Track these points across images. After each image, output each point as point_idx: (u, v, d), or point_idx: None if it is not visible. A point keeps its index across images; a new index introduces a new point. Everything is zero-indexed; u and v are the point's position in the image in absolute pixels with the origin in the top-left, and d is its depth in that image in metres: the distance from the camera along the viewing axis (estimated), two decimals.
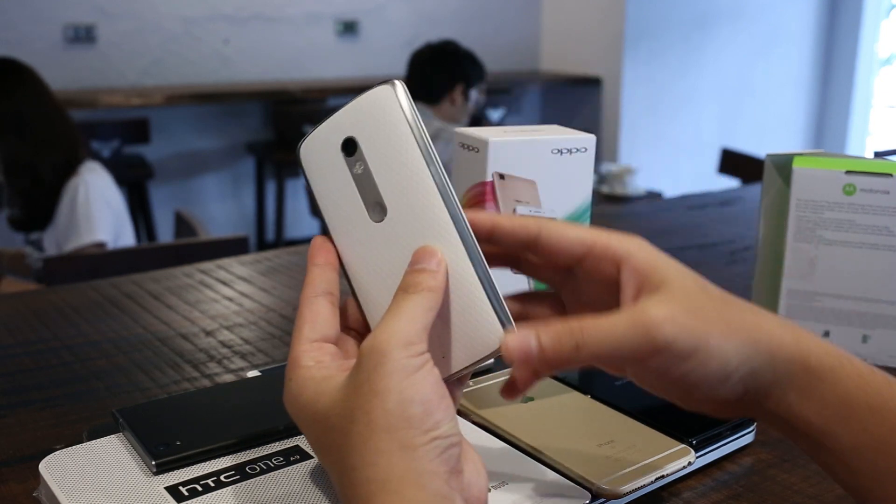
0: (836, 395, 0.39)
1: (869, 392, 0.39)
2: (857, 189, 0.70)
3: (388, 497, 0.34)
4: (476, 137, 0.46)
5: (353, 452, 0.35)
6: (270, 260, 1.03)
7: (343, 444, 0.36)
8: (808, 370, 0.39)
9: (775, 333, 0.39)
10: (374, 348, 0.36)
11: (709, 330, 0.38)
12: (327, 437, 0.37)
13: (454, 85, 2.53)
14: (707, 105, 4.47)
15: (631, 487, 0.48)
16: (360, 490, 0.35)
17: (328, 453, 0.37)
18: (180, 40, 3.79)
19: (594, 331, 0.38)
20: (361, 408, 0.35)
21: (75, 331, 0.78)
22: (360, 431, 0.35)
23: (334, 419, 0.37)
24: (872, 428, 0.38)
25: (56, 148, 1.88)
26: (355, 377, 0.36)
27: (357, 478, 0.35)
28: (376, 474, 0.34)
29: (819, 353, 0.39)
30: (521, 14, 4.56)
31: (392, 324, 0.37)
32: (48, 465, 0.47)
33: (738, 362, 0.38)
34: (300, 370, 0.39)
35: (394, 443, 0.34)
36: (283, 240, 3.80)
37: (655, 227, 1.23)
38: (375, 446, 0.35)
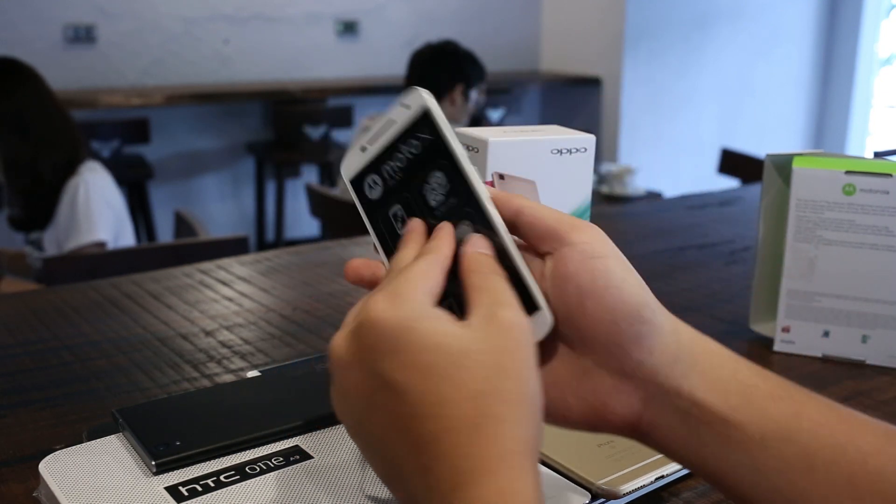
0: (738, 381, 0.38)
1: (769, 382, 0.38)
2: (856, 189, 0.70)
3: (530, 461, 0.34)
4: (476, 137, 0.46)
5: (504, 403, 0.34)
6: (270, 260, 1.03)
7: (487, 390, 0.34)
8: (710, 354, 0.39)
9: (672, 316, 0.40)
10: (525, 326, 0.36)
11: (623, 264, 0.39)
12: (459, 373, 0.34)
13: (454, 85, 2.53)
14: (707, 105, 4.47)
15: (630, 487, 0.48)
16: (506, 442, 0.34)
17: (454, 387, 0.34)
18: (180, 40, 3.79)
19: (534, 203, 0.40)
20: (516, 370, 0.35)
21: (75, 331, 0.78)
22: (512, 389, 0.35)
23: (474, 362, 0.34)
24: (776, 415, 0.37)
25: (57, 148, 1.88)
26: (501, 339, 0.35)
27: (504, 430, 0.34)
28: (525, 434, 0.34)
29: (718, 346, 0.40)
30: (521, 14, 4.56)
31: (515, 301, 0.37)
32: (48, 465, 0.47)
33: (653, 302, 0.39)
34: (420, 300, 0.36)
35: (535, 416, 0.35)
36: (282, 240, 3.80)
37: (655, 227, 1.23)
38: (528, 411, 0.35)
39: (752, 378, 0.39)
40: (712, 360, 0.39)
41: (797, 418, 0.37)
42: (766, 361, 0.73)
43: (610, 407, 0.39)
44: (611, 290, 0.38)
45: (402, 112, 0.41)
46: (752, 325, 0.77)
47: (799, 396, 0.38)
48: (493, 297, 0.37)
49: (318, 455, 0.49)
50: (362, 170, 0.41)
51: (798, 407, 0.38)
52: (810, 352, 0.73)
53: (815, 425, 0.37)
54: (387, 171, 0.41)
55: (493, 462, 0.33)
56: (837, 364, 0.72)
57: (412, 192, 0.40)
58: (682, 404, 0.38)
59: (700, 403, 0.38)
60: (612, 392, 0.39)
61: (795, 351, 0.74)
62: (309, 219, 3.63)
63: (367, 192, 0.41)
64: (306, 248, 1.08)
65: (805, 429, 0.37)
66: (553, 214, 0.40)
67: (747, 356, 0.60)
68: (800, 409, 0.38)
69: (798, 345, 0.74)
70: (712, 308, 0.86)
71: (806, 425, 0.37)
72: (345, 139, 3.79)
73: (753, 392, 0.38)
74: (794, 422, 0.37)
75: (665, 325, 0.39)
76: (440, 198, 0.40)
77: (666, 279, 0.95)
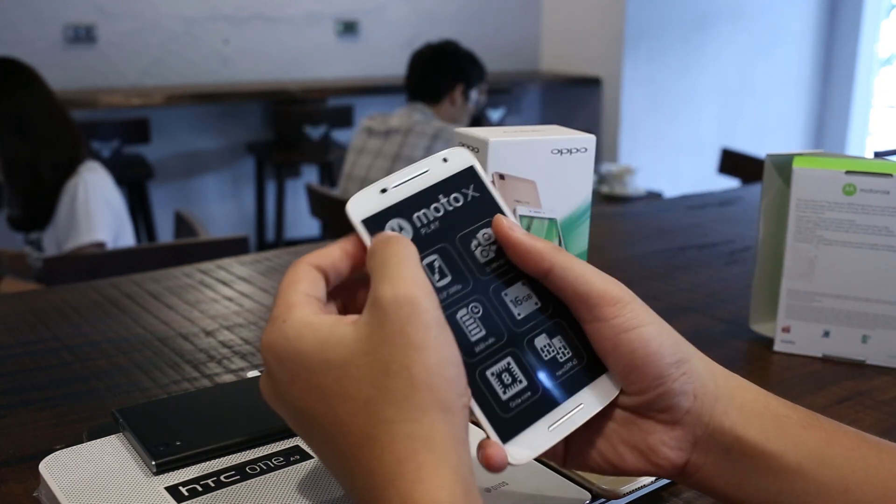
0: (771, 413, 0.40)
1: (798, 413, 0.41)
2: (857, 189, 0.70)
3: (433, 455, 0.33)
4: (476, 137, 0.46)
5: (390, 405, 0.34)
6: (270, 260, 1.03)
7: (374, 396, 0.34)
8: (743, 390, 0.41)
9: (705, 357, 0.42)
10: (405, 298, 0.34)
11: (658, 317, 0.41)
12: (346, 387, 0.34)
13: (454, 85, 2.53)
14: (707, 105, 4.47)
15: (631, 487, 0.48)
16: (400, 443, 0.33)
17: (345, 402, 0.35)
18: (180, 40, 3.79)
19: (567, 259, 0.40)
20: (398, 361, 0.34)
21: (75, 331, 0.78)
22: (398, 386, 0.34)
23: (356, 369, 0.34)
24: (809, 442, 0.39)
25: (57, 148, 1.88)
26: (381, 327, 0.34)
27: (396, 431, 0.33)
28: (419, 431, 0.33)
29: (746, 382, 0.42)
30: (521, 14, 4.56)
31: (406, 272, 0.35)
32: (48, 466, 0.47)
33: (687, 351, 0.40)
34: (299, 312, 0.36)
35: (435, 402, 0.34)
36: (283, 240, 3.80)
37: (655, 227, 1.23)
38: (418, 403, 0.34)
39: (784, 409, 0.41)
40: (746, 395, 0.41)
41: (829, 444, 0.39)
42: (766, 361, 0.73)
43: (661, 453, 0.40)
44: (650, 357, 0.39)
45: (440, 164, 0.41)
46: (752, 325, 0.77)
47: (828, 425, 0.40)
48: (375, 278, 0.36)
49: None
50: (382, 211, 0.39)
51: (829, 434, 0.40)
52: (810, 352, 0.73)
53: (846, 450, 0.39)
54: (419, 219, 0.39)
55: (390, 472, 0.33)
56: (837, 364, 0.72)
57: (454, 244, 0.40)
58: (725, 440, 0.40)
59: (741, 438, 0.39)
60: (664, 438, 0.40)
61: (795, 351, 0.74)
62: (309, 219, 3.64)
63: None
64: (306, 249, 1.08)
65: (838, 454, 0.39)
66: (582, 280, 0.40)
67: (747, 356, 0.60)
68: (831, 436, 0.40)
69: (798, 345, 0.74)
70: (712, 308, 0.86)
71: (838, 450, 0.39)
72: (345, 139, 3.79)
73: (786, 422, 0.40)
74: (827, 448, 0.39)
75: (701, 368, 0.41)
76: (491, 255, 0.40)
77: (666, 279, 0.95)
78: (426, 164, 0.40)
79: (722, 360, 0.74)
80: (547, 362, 0.40)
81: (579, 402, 0.40)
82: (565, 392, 0.40)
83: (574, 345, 0.41)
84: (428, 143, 2.31)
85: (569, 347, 0.40)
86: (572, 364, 0.40)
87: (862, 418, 0.63)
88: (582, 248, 0.49)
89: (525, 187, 0.47)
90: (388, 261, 0.36)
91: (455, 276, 0.39)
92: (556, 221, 0.48)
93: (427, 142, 2.31)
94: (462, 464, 0.34)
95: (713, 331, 0.80)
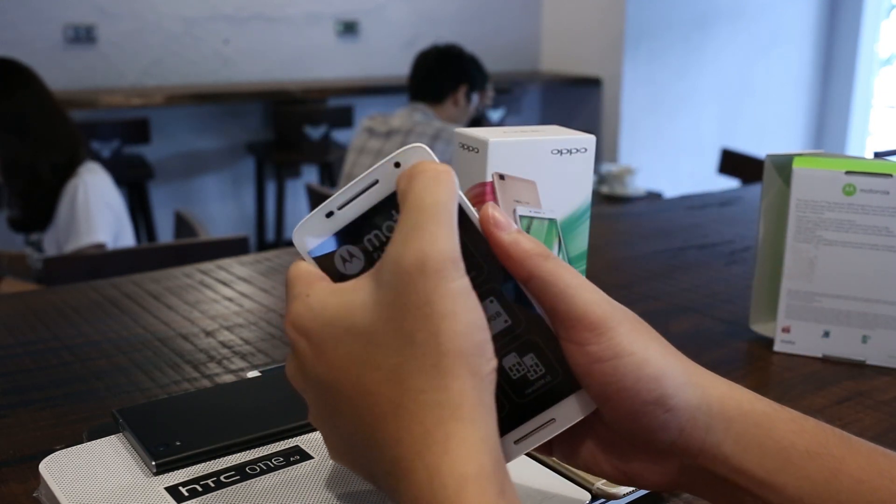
0: (774, 441, 0.37)
1: (805, 438, 0.37)
2: (856, 189, 0.70)
3: (461, 425, 0.32)
4: (476, 138, 0.46)
5: (419, 374, 0.33)
6: (270, 260, 1.03)
7: (400, 363, 0.33)
8: (744, 415, 0.37)
9: (708, 376, 0.38)
10: (427, 267, 0.33)
11: (648, 343, 0.37)
12: (373, 354, 0.34)
13: (458, 86, 2.55)
14: (707, 105, 4.47)
15: (631, 488, 0.48)
16: (428, 412, 0.32)
17: (372, 371, 0.34)
18: (180, 40, 3.79)
19: (550, 271, 0.37)
20: (425, 329, 0.33)
21: (75, 331, 0.78)
22: (425, 353, 0.33)
23: (383, 335, 0.33)
24: (814, 474, 0.36)
25: (56, 149, 1.88)
26: (405, 295, 0.33)
27: (424, 400, 0.32)
28: (449, 398, 0.32)
29: (751, 399, 0.38)
30: (521, 14, 4.56)
31: (432, 238, 0.33)
32: (48, 466, 0.47)
33: (673, 385, 0.37)
34: (320, 284, 0.36)
35: (465, 368, 0.33)
36: (283, 240, 3.80)
37: (655, 227, 1.23)
38: (448, 369, 0.32)
39: (789, 436, 0.37)
40: (746, 420, 0.37)
41: (836, 477, 0.36)
42: (766, 362, 0.73)
43: (645, 476, 0.39)
44: (624, 393, 0.36)
45: (392, 171, 0.36)
46: (752, 325, 0.77)
47: (838, 451, 0.37)
48: (402, 228, 0.34)
49: (318, 455, 0.49)
50: (330, 238, 0.36)
51: (836, 464, 0.36)
52: (810, 352, 0.73)
53: (854, 483, 0.36)
54: (371, 242, 0.36)
55: (418, 443, 0.32)
56: (837, 364, 0.72)
57: None
58: (720, 471, 0.37)
59: (738, 469, 0.37)
60: (647, 465, 0.39)
61: (795, 351, 0.74)
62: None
63: (340, 266, 0.36)
64: None
65: (844, 488, 0.36)
66: (563, 297, 0.36)
67: (747, 357, 0.60)
68: (838, 467, 0.36)
69: (798, 345, 0.74)
70: (712, 308, 0.86)
71: (846, 484, 0.36)
72: (345, 139, 3.79)
73: (790, 452, 0.37)
74: (834, 482, 0.36)
75: (691, 401, 0.37)
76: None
77: (666, 279, 0.95)
78: (376, 173, 0.36)
79: (722, 361, 0.74)
80: (516, 381, 0.38)
81: (551, 416, 0.38)
82: (536, 408, 0.38)
83: (548, 361, 0.38)
84: (428, 144, 2.30)
85: (542, 365, 0.38)
86: (545, 381, 0.38)
87: (862, 418, 0.63)
88: (582, 249, 0.49)
89: (525, 187, 0.47)
90: (421, 211, 0.34)
91: None
92: (556, 222, 0.48)
93: (427, 142, 2.31)
94: (491, 433, 0.33)
95: (713, 331, 0.80)
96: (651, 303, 0.86)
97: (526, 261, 0.37)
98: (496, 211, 0.37)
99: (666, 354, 0.37)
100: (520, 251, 0.37)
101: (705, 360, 0.72)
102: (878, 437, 0.59)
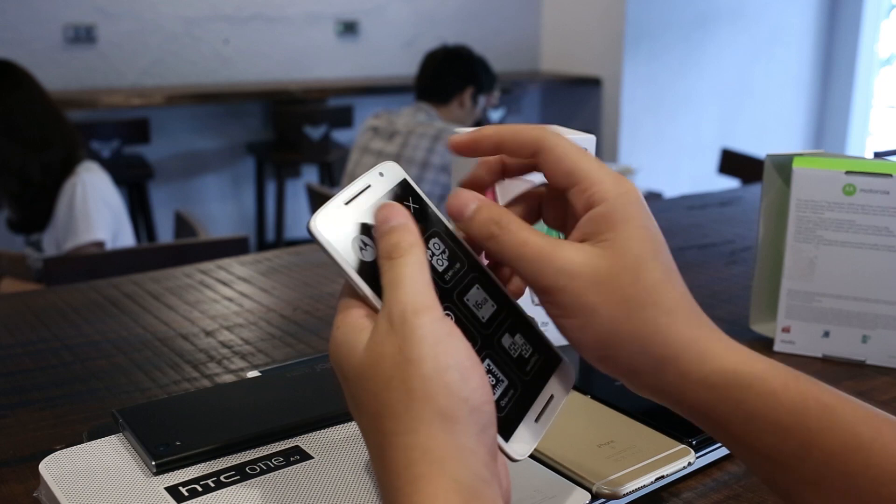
0: (746, 411, 0.37)
1: (781, 409, 0.37)
2: (857, 189, 0.70)
3: (431, 467, 0.33)
4: None
5: (391, 418, 0.35)
6: (270, 260, 1.03)
7: (378, 410, 0.35)
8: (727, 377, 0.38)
9: (683, 355, 0.38)
10: (401, 317, 0.35)
11: (617, 329, 0.38)
12: (362, 399, 0.36)
13: (465, 87, 2.54)
14: (707, 105, 4.47)
15: (631, 488, 0.48)
16: (400, 454, 0.34)
17: (363, 412, 0.37)
18: (180, 40, 3.79)
19: (511, 237, 0.38)
20: (396, 376, 0.35)
21: (75, 331, 0.78)
22: (398, 399, 0.34)
23: (367, 381, 0.36)
24: (783, 446, 0.37)
25: (48, 150, 1.88)
26: (382, 346, 0.35)
27: (396, 443, 0.34)
28: (417, 441, 0.34)
29: (740, 361, 0.38)
30: (521, 14, 4.56)
31: (403, 291, 0.36)
32: (48, 466, 0.47)
33: (632, 365, 0.38)
34: (349, 314, 0.38)
35: (434, 412, 0.34)
36: (283, 240, 3.80)
37: None
38: (417, 414, 0.34)
39: (761, 408, 0.37)
40: (729, 382, 0.38)
41: (808, 452, 0.37)
42: None
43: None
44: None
45: (378, 179, 0.40)
46: (752, 325, 0.77)
47: (815, 423, 0.37)
48: (384, 291, 0.37)
49: (318, 455, 0.49)
50: (346, 229, 0.38)
51: (810, 437, 0.37)
52: (810, 352, 0.73)
53: (826, 456, 0.37)
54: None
55: (393, 484, 0.34)
56: (837, 364, 0.72)
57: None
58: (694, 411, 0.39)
59: (711, 420, 0.38)
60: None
61: (795, 351, 0.74)
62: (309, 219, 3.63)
63: (359, 253, 0.38)
64: (306, 249, 1.08)
65: (815, 461, 0.37)
66: (520, 268, 0.39)
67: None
68: (811, 441, 0.37)
69: (798, 345, 0.74)
70: (712, 308, 0.86)
71: (817, 457, 0.37)
72: (345, 139, 3.79)
73: (761, 423, 0.37)
74: (806, 457, 0.37)
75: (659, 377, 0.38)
76: (445, 263, 0.40)
77: None
78: (367, 179, 0.40)
79: None
80: (516, 359, 0.40)
81: (550, 392, 0.41)
82: (538, 384, 0.41)
83: (532, 340, 0.41)
84: (429, 145, 2.31)
85: (529, 343, 0.41)
86: (535, 358, 0.41)
87: None
88: None
89: (525, 187, 0.47)
90: (393, 277, 0.37)
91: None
92: None
93: (428, 143, 2.31)
94: (464, 472, 0.33)
95: None
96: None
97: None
98: (455, 199, 0.40)
99: (627, 341, 0.38)
100: (472, 234, 0.40)
101: None
102: None
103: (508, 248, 0.39)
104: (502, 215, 0.39)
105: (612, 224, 0.38)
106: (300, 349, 0.74)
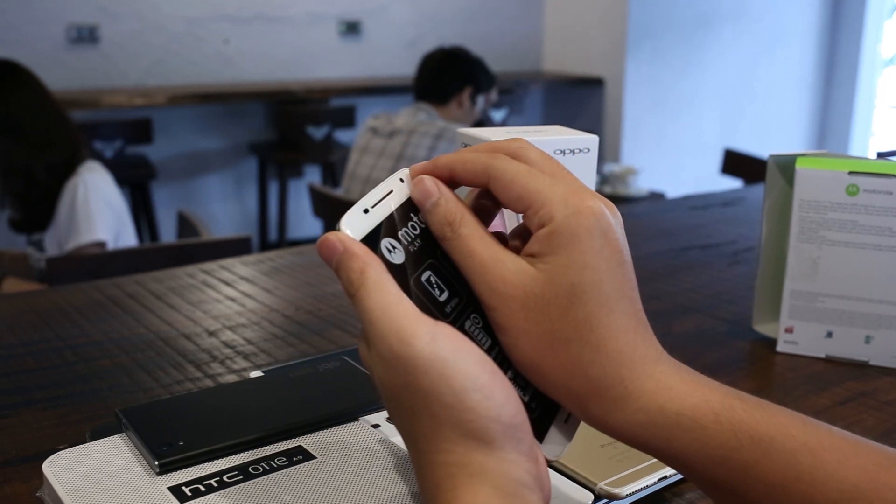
0: (677, 448, 0.37)
1: (711, 448, 0.36)
2: (860, 190, 0.70)
3: (470, 478, 0.33)
4: (478, 138, 0.46)
5: (424, 440, 0.35)
6: (273, 260, 1.03)
7: (410, 431, 0.36)
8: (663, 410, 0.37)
9: (606, 394, 0.37)
10: (392, 354, 0.35)
11: (540, 358, 0.37)
12: (394, 418, 0.37)
13: (463, 87, 2.55)
14: (710, 105, 4.47)
15: (633, 488, 0.48)
16: (438, 471, 0.34)
17: (399, 429, 0.38)
18: (183, 40, 3.79)
19: (459, 244, 0.38)
20: (419, 405, 0.35)
21: (78, 331, 0.78)
22: (426, 425, 0.35)
23: (393, 410, 0.37)
24: (722, 476, 0.36)
25: (52, 150, 1.88)
26: (393, 381, 0.36)
27: (432, 461, 0.35)
28: (453, 459, 0.34)
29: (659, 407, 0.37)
30: (524, 14, 4.56)
31: (378, 325, 0.36)
32: (51, 465, 0.47)
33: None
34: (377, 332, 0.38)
35: (466, 435, 0.34)
36: (285, 240, 3.81)
37: (658, 227, 1.23)
38: (447, 436, 0.34)
39: (693, 445, 0.37)
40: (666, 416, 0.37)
41: (745, 480, 0.36)
42: (768, 362, 0.73)
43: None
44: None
45: (399, 184, 0.40)
46: (755, 325, 0.77)
47: (750, 455, 0.36)
48: (367, 335, 0.37)
49: (321, 455, 0.49)
50: (372, 232, 0.39)
51: (746, 468, 0.36)
52: (813, 352, 0.73)
53: (766, 487, 0.36)
54: (405, 237, 0.39)
55: (431, 495, 0.35)
56: (841, 365, 0.72)
57: (438, 259, 0.40)
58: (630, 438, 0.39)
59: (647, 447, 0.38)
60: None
61: (798, 352, 0.74)
62: (312, 219, 3.64)
63: (388, 255, 0.38)
64: (309, 249, 1.08)
65: (755, 490, 0.36)
66: (469, 274, 0.38)
67: (750, 357, 0.60)
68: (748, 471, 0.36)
69: (801, 345, 0.74)
70: (715, 308, 0.86)
71: (756, 487, 0.36)
72: (347, 139, 3.79)
73: (695, 458, 0.37)
74: (742, 484, 0.36)
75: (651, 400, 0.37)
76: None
77: (669, 279, 0.95)
78: (388, 184, 0.40)
79: (724, 361, 0.74)
80: None
81: None
82: None
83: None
84: (431, 143, 2.31)
85: None
86: None
87: (864, 419, 0.62)
88: None
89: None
90: (361, 314, 0.36)
91: (451, 290, 0.39)
92: None
93: (430, 141, 2.31)
94: (506, 481, 0.34)
95: (716, 331, 0.80)
96: (654, 303, 0.86)
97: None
98: (416, 190, 0.39)
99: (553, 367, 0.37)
100: (431, 230, 0.39)
101: (708, 361, 0.72)
102: (881, 438, 0.59)
103: (456, 254, 0.38)
104: (457, 215, 0.38)
105: (554, 247, 0.37)
106: (303, 349, 0.74)
